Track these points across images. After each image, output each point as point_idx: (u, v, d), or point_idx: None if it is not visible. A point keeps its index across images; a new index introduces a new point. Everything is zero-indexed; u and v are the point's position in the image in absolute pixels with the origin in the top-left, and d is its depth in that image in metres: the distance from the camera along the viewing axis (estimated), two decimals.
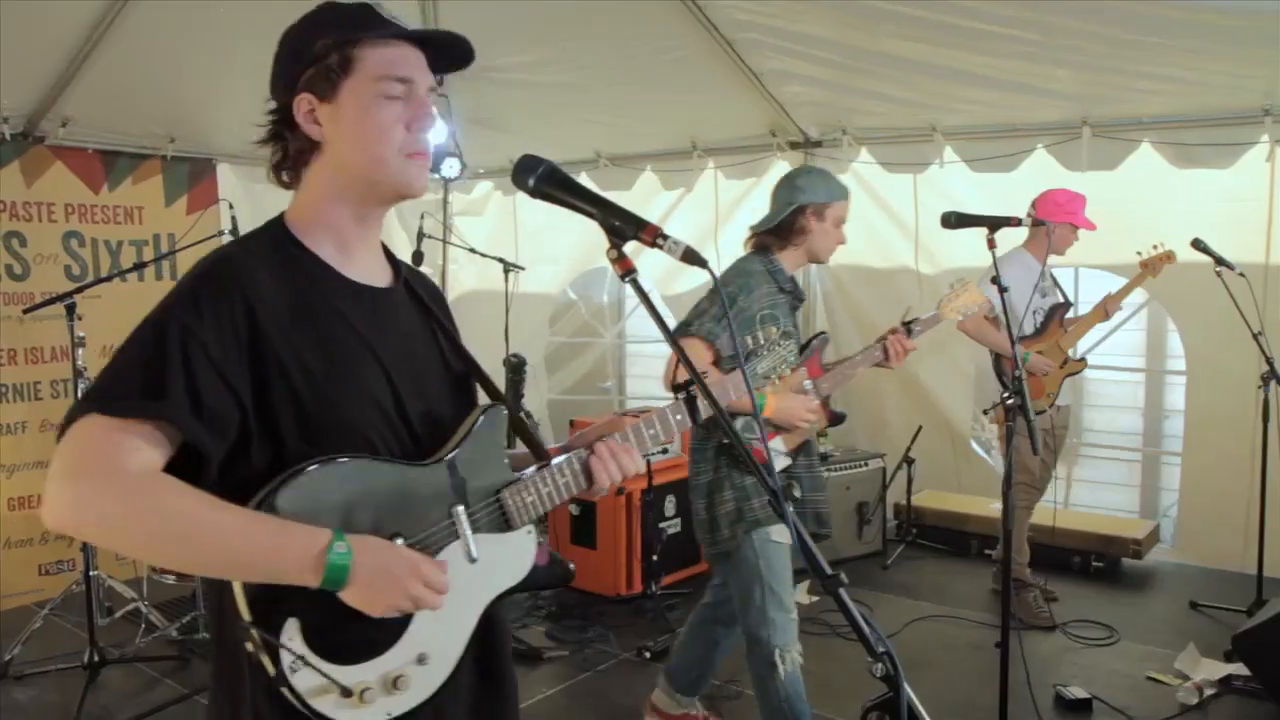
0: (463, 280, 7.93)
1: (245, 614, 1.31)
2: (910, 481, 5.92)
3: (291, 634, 1.31)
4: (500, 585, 1.55)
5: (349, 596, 1.31)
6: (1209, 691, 3.89)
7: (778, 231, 3.20)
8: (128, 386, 1.27)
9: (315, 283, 1.43)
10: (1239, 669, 3.96)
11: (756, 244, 3.26)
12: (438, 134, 6.06)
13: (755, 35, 5.35)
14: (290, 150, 1.45)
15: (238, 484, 1.33)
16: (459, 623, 1.49)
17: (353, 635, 1.35)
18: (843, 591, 1.28)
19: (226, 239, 4.57)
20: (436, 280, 7.79)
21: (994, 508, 5.34)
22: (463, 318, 7.10)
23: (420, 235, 5.47)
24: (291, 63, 1.44)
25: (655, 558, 5.01)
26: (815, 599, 5.07)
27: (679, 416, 1.72)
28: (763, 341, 2.93)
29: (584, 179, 6.83)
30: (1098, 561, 5.40)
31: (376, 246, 1.58)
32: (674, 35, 5.40)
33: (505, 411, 1.60)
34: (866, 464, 5.84)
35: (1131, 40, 4.57)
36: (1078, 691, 3.87)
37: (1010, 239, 4.64)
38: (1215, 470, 5.27)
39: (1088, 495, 6.40)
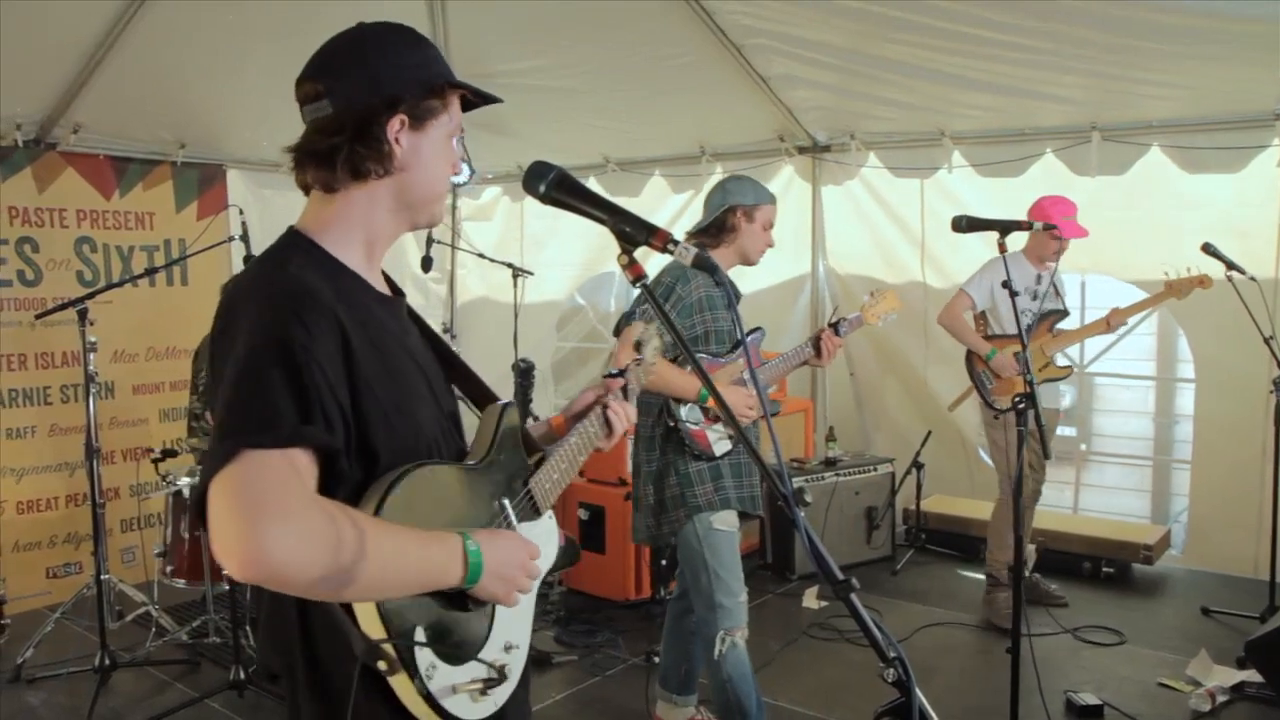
0: (471, 286, 7.95)
1: (377, 632, 1.31)
2: (919, 486, 5.90)
3: (422, 641, 1.36)
4: (543, 569, 1.62)
5: (483, 589, 1.39)
6: (1222, 698, 3.86)
7: (710, 231, 3.38)
8: (273, 414, 1.24)
9: (357, 295, 1.45)
10: (1252, 676, 3.94)
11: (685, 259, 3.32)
12: None
13: (763, 40, 5.36)
14: (353, 155, 1.43)
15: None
16: (525, 608, 1.59)
17: (459, 635, 1.43)
18: (854, 597, 1.27)
19: (237, 245, 4.60)
20: (445, 286, 7.89)
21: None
22: (471, 323, 7.16)
23: (429, 240, 5.47)
24: (392, 76, 1.45)
25: (664, 562, 5.00)
26: (825, 604, 5.07)
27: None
28: (711, 327, 3.18)
29: (592, 184, 6.86)
30: (1109, 567, 5.38)
31: None
32: (682, 40, 5.41)
33: (514, 406, 1.69)
34: (875, 469, 5.83)
35: (1140, 46, 4.57)
36: (1089, 697, 3.85)
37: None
38: (1225, 476, 5.24)
39: (1099, 500, 6.38)
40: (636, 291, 1.39)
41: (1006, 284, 3.18)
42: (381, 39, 1.49)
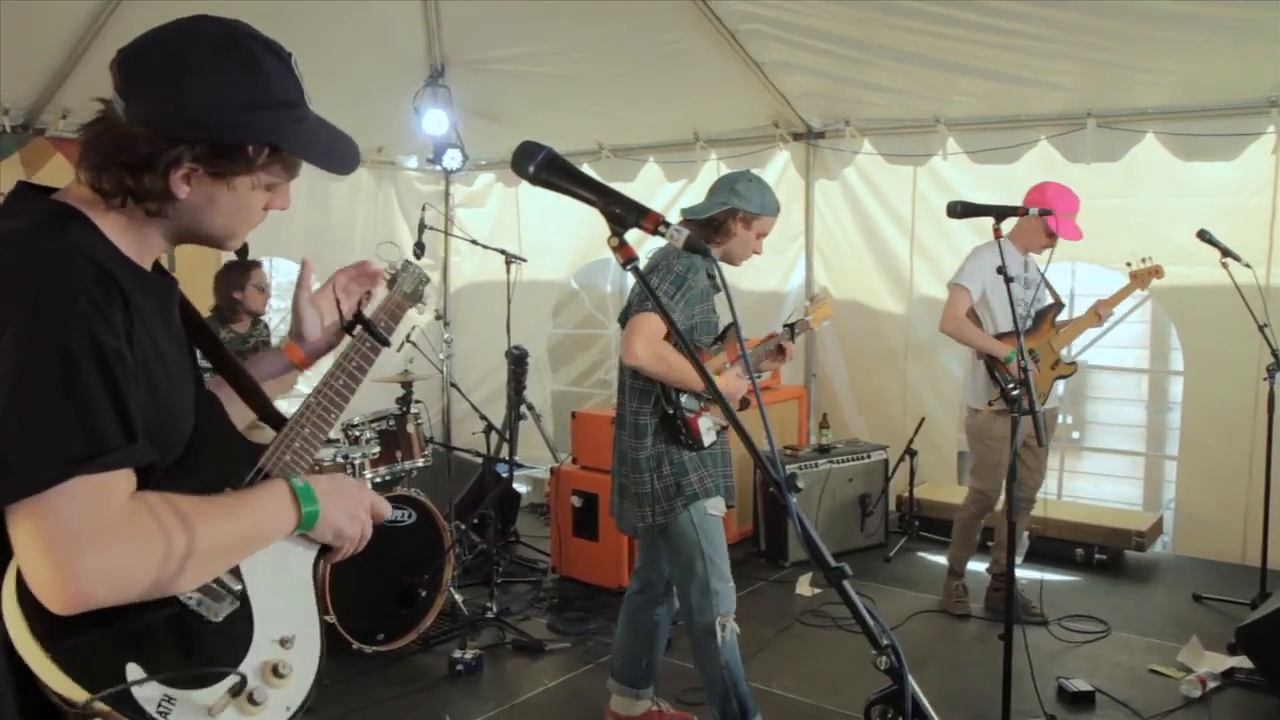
0: (465, 272, 7.93)
1: (76, 693, 1.13)
2: (913, 474, 5.91)
3: (138, 677, 1.18)
4: (313, 549, 1.48)
5: (326, 523, 1.35)
6: (1212, 684, 3.88)
7: (705, 225, 3.33)
8: (97, 430, 1.11)
9: (127, 277, 1.25)
10: (1242, 662, 3.95)
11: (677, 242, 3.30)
12: (439, 125, 6.04)
13: (758, 26, 5.34)
14: (125, 184, 1.24)
15: None
16: (298, 592, 1.45)
17: (200, 654, 1.26)
18: (846, 583, 1.26)
19: None
20: (438, 273, 7.86)
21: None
22: (465, 310, 7.13)
23: (422, 227, 5.43)
24: (203, 112, 1.23)
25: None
26: (818, 591, 5.07)
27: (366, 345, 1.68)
28: (702, 318, 3.21)
29: (586, 170, 6.80)
30: (1101, 554, 5.39)
31: None
32: (676, 26, 5.38)
33: (213, 398, 1.53)
34: (869, 456, 5.83)
35: (1136, 32, 4.56)
36: (1080, 684, 3.86)
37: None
38: (1214, 464, 5.26)
39: (1091, 488, 6.39)
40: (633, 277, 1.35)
41: (1001, 269, 3.16)
42: (210, 60, 1.24)
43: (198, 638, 1.27)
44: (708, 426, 3.24)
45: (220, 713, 1.25)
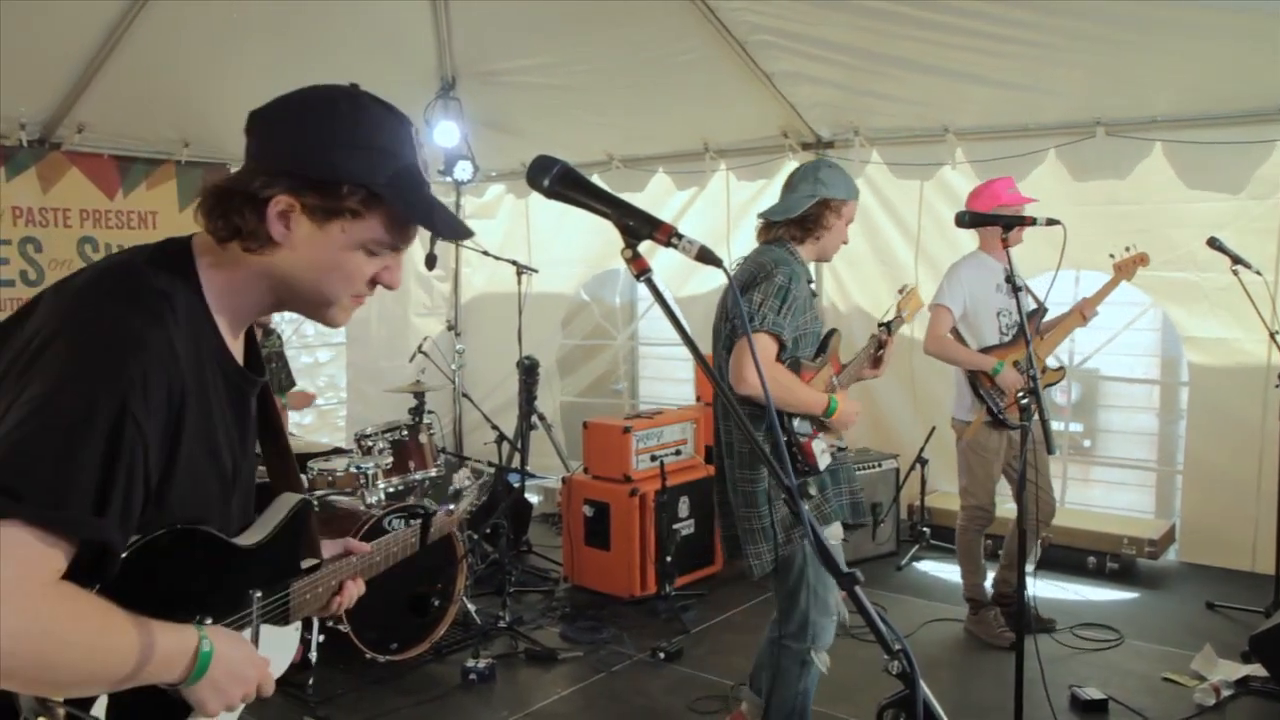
0: (475, 283, 7.96)
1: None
2: (924, 482, 5.91)
3: (100, 713, 1.19)
4: (268, 689, 1.45)
5: (194, 691, 1.25)
6: (1226, 693, 3.86)
7: (800, 223, 3.13)
8: (67, 490, 1.07)
9: (214, 360, 1.30)
10: (1257, 670, 3.93)
11: (773, 235, 3.18)
12: (450, 137, 6.08)
13: (767, 37, 5.37)
14: (235, 224, 1.28)
15: None
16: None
17: (149, 713, 1.26)
18: (858, 589, 1.28)
19: None
20: (449, 284, 7.90)
21: (1007, 508, 5.31)
22: (475, 321, 7.17)
23: (433, 238, 5.48)
24: (313, 152, 1.27)
25: (669, 559, 5.01)
26: None
27: (413, 540, 1.83)
28: (807, 329, 3.02)
29: (596, 181, 6.81)
30: (1113, 562, 5.38)
31: None
32: (686, 37, 5.41)
33: (313, 506, 1.58)
34: (880, 465, 5.83)
35: (1144, 41, 4.57)
36: (1093, 692, 3.85)
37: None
38: (1223, 473, 5.24)
39: (1102, 496, 6.37)
40: (641, 287, 1.35)
41: (1010, 278, 3.17)
42: (340, 111, 1.30)
43: (147, 700, 1.26)
44: (822, 449, 3.06)
45: None
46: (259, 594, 1.43)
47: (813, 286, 3.18)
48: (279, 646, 1.49)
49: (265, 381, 1.45)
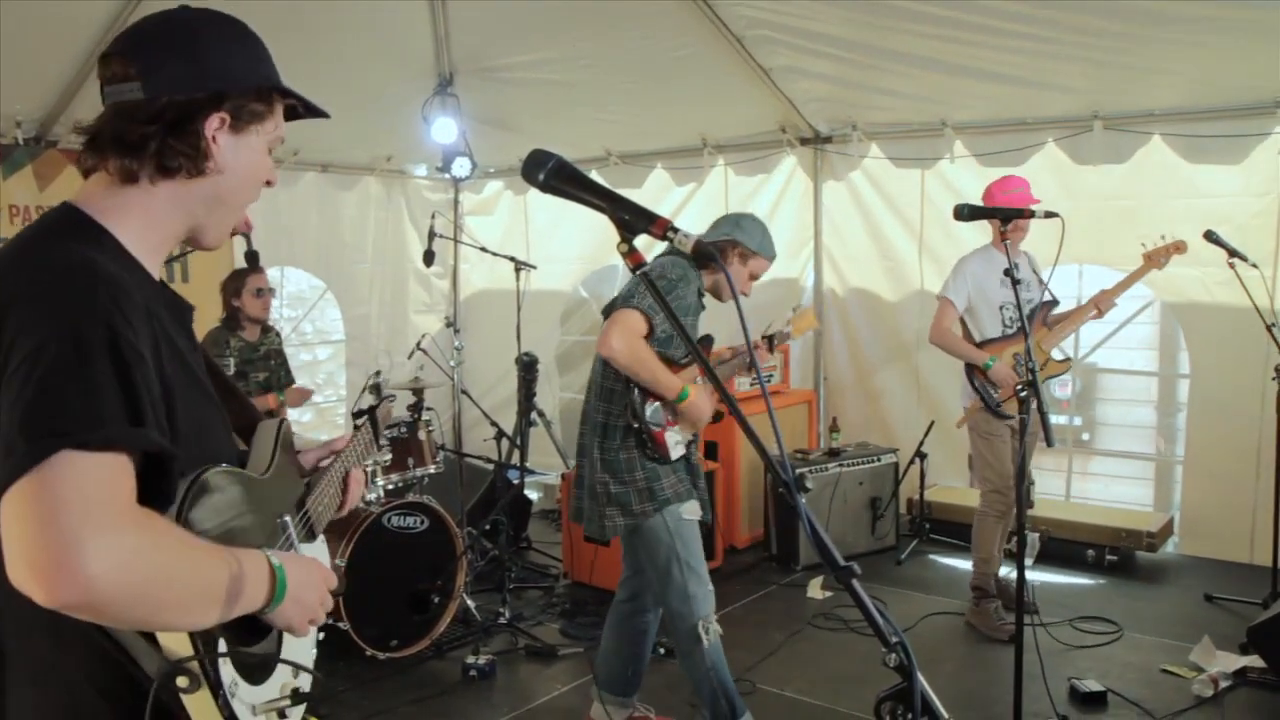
0: (474, 280, 7.97)
1: (183, 649, 1.16)
2: (923, 476, 5.91)
3: (224, 659, 1.22)
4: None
5: (282, 613, 1.28)
6: (1224, 684, 3.87)
7: (709, 248, 3.23)
8: (98, 410, 1.07)
9: (156, 299, 1.29)
10: (1254, 661, 3.95)
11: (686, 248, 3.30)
12: (448, 133, 6.08)
13: (765, 32, 5.36)
14: (164, 149, 1.27)
15: None
16: (309, 639, 1.51)
17: (255, 652, 1.32)
18: (855, 583, 1.28)
19: (238, 239, 4.60)
20: (448, 280, 7.91)
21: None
22: (474, 317, 7.14)
23: (431, 235, 5.48)
24: (219, 69, 1.31)
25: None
26: (829, 594, 5.08)
27: (369, 437, 1.91)
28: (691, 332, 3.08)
29: (595, 177, 6.76)
30: (1112, 555, 5.38)
31: None
32: (683, 33, 5.41)
33: (289, 423, 1.59)
34: (879, 459, 5.84)
35: (1142, 34, 4.57)
36: (1092, 684, 3.86)
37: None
38: (1221, 466, 5.25)
39: (1101, 489, 6.39)
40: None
41: (1009, 271, 3.18)
42: (211, 28, 1.35)
43: (253, 638, 1.32)
44: (675, 440, 3.24)
45: (260, 715, 1.29)
46: (288, 518, 1.47)
47: (703, 301, 3.37)
48: (319, 558, 1.53)
49: (194, 308, 1.45)
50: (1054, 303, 4.62)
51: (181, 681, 1.14)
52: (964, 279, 4.56)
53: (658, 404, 3.21)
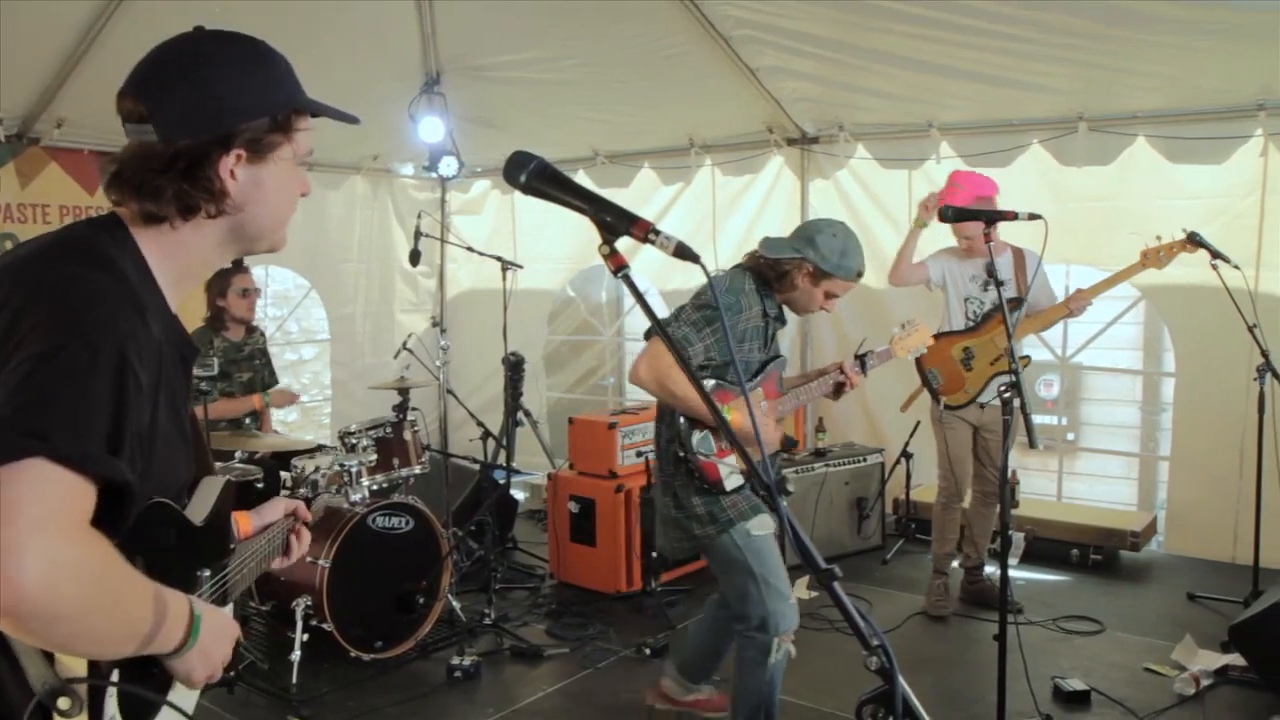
0: (460, 279, 7.95)
1: (77, 668, 1.14)
2: (909, 476, 5.92)
3: (111, 690, 1.19)
4: None
5: (186, 661, 1.25)
6: (1206, 682, 3.90)
7: (772, 266, 3.14)
8: (86, 428, 1.07)
9: (165, 323, 1.29)
10: (1236, 659, 3.97)
11: (750, 262, 3.21)
12: (435, 132, 6.06)
13: (751, 32, 5.37)
14: (180, 194, 1.27)
15: None
16: (191, 693, 1.46)
17: (136, 696, 1.28)
18: (836, 585, 1.28)
19: None
20: (434, 280, 7.89)
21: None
22: (460, 317, 7.12)
23: (418, 234, 5.46)
24: (231, 104, 1.29)
25: (655, 554, 5.02)
26: (815, 594, 5.08)
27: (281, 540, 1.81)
28: (741, 358, 3.03)
29: (582, 177, 6.86)
30: (1096, 554, 5.41)
31: None
32: (671, 33, 5.41)
33: (233, 486, 1.58)
34: (865, 459, 5.85)
35: (1127, 36, 4.59)
36: (1076, 683, 3.88)
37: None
38: (1206, 465, 5.28)
39: (1086, 489, 6.42)
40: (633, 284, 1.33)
41: (990, 270, 3.21)
42: (221, 55, 1.31)
43: (145, 678, 1.28)
44: (729, 470, 3.05)
45: None
46: (207, 573, 1.44)
47: (776, 319, 3.18)
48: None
49: (199, 350, 1.47)
50: (1019, 300, 4.56)
51: (63, 703, 1.12)
52: (940, 260, 4.78)
53: (707, 431, 3.06)
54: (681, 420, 3.04)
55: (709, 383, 3.07)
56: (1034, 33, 4.70)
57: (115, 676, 1.19)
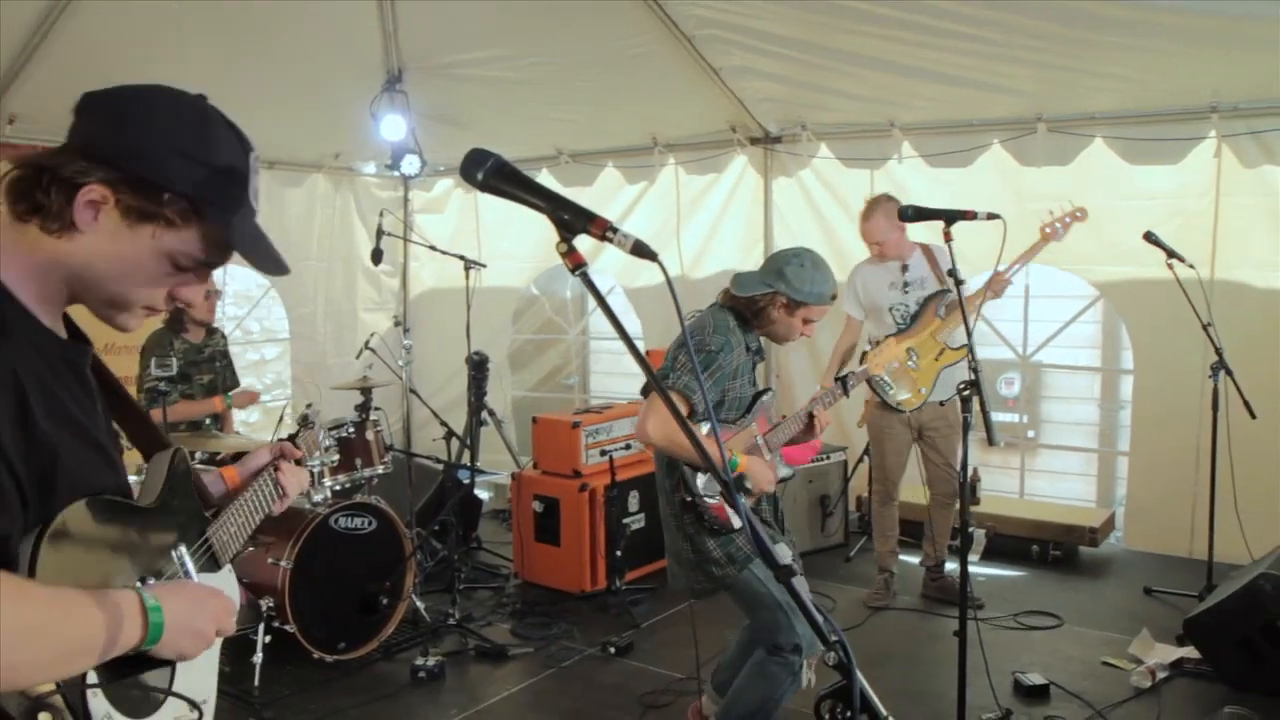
0: (424, 278, 7.90)
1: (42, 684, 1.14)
2: (872, 474, 5.96)
3: (95, 690, 1.19)
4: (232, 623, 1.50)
5: (167, 645, 1.24)
6: (1161, 675, 3.96)
7: (748, 304, 3.17)
8: None
9: (33, 340, 1.24)
10: (1190, 652, 4.05)
11: (727, 300, 3.24)
12: (397, 130, 6.02)
13: (715, 31, 5.38)
14: (38, 200, 1.22)
15: None
16: (208, 663, 1.48)
17: (138, 689, 1.29)
18: (794, 581, 1.29)
19: None
20: (397, 279, 7.84)
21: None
22: (424, 316, 7.07)
23: (379, 233, 5.42)
24: (135, 149, 1.23)
25: (619, 553, 5.02)
26: None
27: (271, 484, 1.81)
28: (733, 394, 3.08)
29: (545, 176, 6.84)
30: (1056, 550, 5.49)
31: None
32: (635, 33, 5.41)
33: (184, 452, 1.56)
34: (828, 457, 5.89)
35: (1086, 38, 4.66)
36: (1035, 678, 3.93)
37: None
38: (1162, 460, 5.38)
39: (1046, 486, 6.50)
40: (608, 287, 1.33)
41: (951, 272, 3.25)
42: (172, 106, 1.28)
43: (136, 670, 1.29)
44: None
45: None
46: (182, 548, 1.44)
47: (756, 353, 3.23)
48: (223, 589, 1.49)
49: (93, 350, 1.38)
50: (943, 293, 4.67)
51: (44, 718, 1.12)
52: (853, 288, 4.95)
53: (706, 475, 3.06)
54: (684, 467, 3.04)
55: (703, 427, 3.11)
56: (996, 34, 4.75)
57: (92, 678, 1.18)
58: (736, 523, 3.04)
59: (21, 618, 1.05)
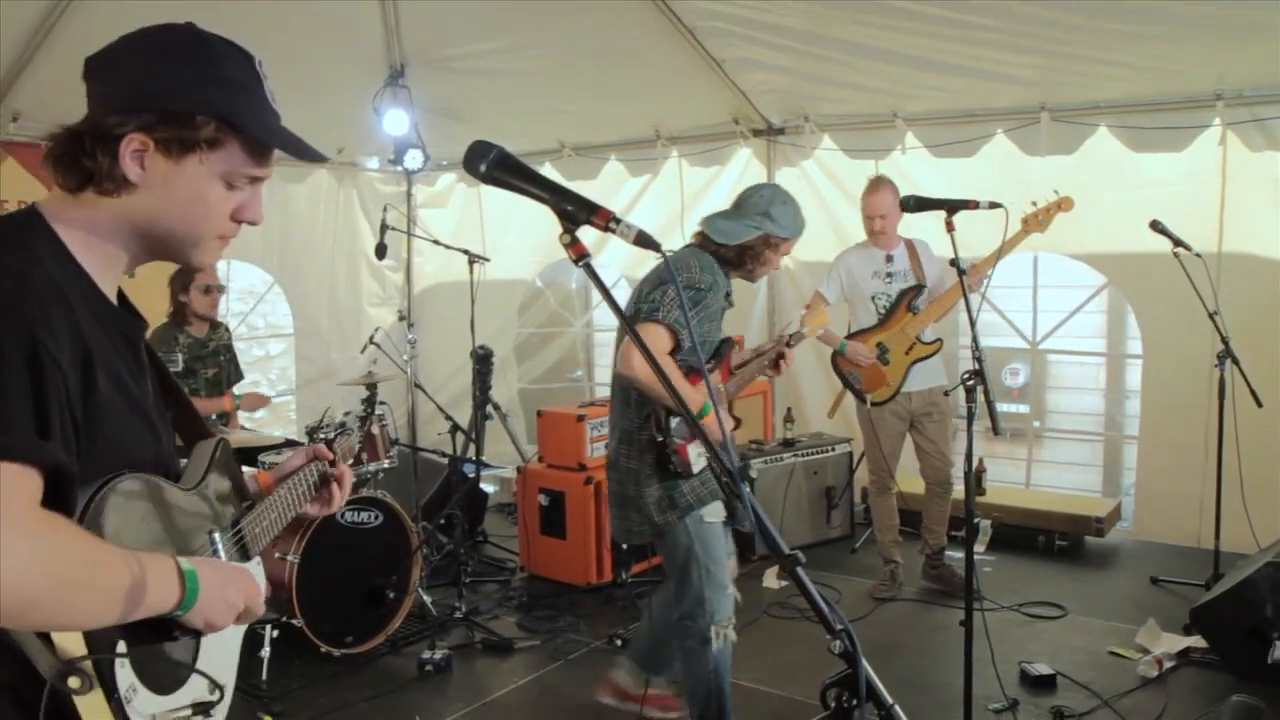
0: (428, 272, 7.89)
1: (76, 648, 1.15)
2: (867, 465, 5.95)
3: (123, 661, 1.21)
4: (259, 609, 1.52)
5: (196, 614, 1.26)
6: (1169, 664, 3.96)
7: (735, 251, 3.21)
8: (7, 419, 1.08)
9: (99, 311, 1.29)
10: (1197, 642, 4.04)
11: (708, 247, 3.25)
12: (400, 125, 6.01)
13: (717, 23, 5.37)
14: (85, 166, 1.26)
15: None
16: (230, 650, 1.51)
17: (164, 661, 1.32)
18: (800, 570, 1.29)
19: None
20: (401, 274, 7.84)
21: (956, 489, 5.39)
22: (428, 310, 7.08)
23: (383, 228, 5.41)
24: (158, 88, 1.27)
25: (625, 546, 5.02)
26: (785, 584, 5.11)
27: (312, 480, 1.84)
28: (706, 338, 3.11)
29: (549, 169, 6.83)
30: (1062, 540, 5.48)
31: None
32: (636, 25, 5.40)
33: (229, 444, 1.60)
34: (834, 449, 5.88)
35: (1090, 26, 4.63)
36: (1042, 668, 3.93)
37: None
38: (1171, 449, 5.36)
39: (1052, 476, 6.50)
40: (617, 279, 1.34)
41: (954, 262, 3.23)
42: (167, 43, 1.31)
43: (163, 647, 1.32)
44: (698, 453, 3.10)
45: None
46: (216, 534, 1.46)
47: (730, 298, 3.25)
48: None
49: (148, 325, 1.44)
50: (919, 288, 4.75)
51: (73, 682, 1.14)
52: (836, 273, 4.91)
53: (679, 418, 3.10)
54: (657, 404, 3.06)
55: (681, 363, 3.13)
56: (1000, 22, 4.73)
57: (122, 647, 1.21)
58: (695, 466, 3.10)
59: (80, 558, 1.10)
